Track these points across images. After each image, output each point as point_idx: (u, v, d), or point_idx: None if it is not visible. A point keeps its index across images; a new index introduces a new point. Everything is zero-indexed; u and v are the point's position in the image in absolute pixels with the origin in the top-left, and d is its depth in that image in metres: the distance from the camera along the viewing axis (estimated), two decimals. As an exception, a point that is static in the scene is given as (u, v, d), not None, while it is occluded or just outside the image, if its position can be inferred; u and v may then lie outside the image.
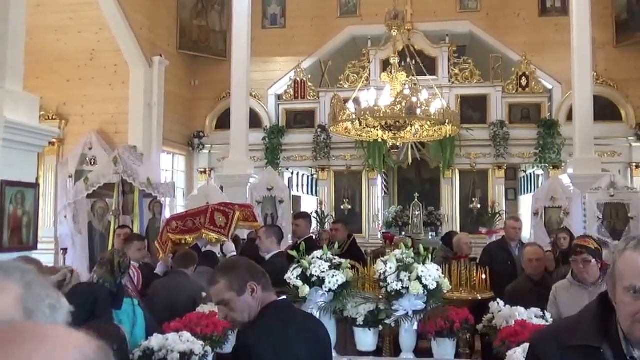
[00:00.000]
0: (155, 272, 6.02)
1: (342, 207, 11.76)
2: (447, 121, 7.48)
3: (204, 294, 5.23)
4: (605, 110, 11.31)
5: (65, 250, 7.70)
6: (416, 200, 11.68)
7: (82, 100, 10.31)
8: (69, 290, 3.84)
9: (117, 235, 6.94)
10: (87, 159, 10.08)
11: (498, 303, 4.51)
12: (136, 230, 8.24)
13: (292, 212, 10.49)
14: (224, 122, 12.20)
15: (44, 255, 7.71)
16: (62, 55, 10.12)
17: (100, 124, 10.37)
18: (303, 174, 13.44)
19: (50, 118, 10.00)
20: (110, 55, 10.26)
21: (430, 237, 11.20)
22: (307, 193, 13.53)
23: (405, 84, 7.60)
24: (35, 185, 6.08)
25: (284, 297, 2.59)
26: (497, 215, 11.31)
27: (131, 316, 4.18)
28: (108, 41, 10.15)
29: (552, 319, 4.18)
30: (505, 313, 4.30)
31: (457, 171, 11.83)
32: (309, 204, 13.00)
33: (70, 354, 0.73)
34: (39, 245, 6.43)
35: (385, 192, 12.64)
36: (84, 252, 8.26)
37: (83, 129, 10.26)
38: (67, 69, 10.27)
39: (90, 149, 10.06)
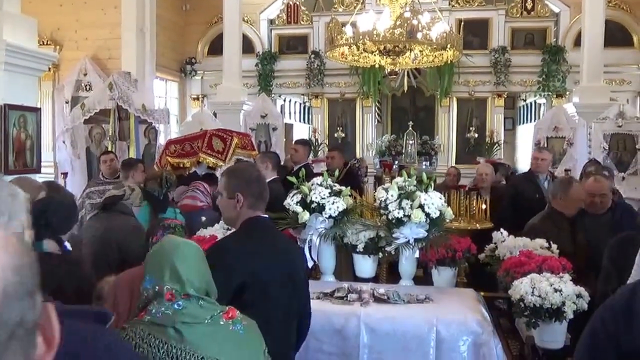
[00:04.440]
0: None
1: (335, 135, 11.62)
2: (448, 46, 7.10)
3: (203, 218, 5.48)
4: (616, 35, 10.63)
5: (65, 174, 7.81)
6: (410, 129, 11.43)
7: (75, 26, 10.10)
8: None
9: (103, 161, 6.72)
10: (83, 84, 9.95)
11: (502, 233, 4.44)
12: (132, 155, 8.39)
13: (284, 139, 10.46)
14: (216, 47, 11.93)
15: (44, 179, 7.84)
16: (54, -22, 9.82)
17: (94, 49, 10.16)
18: (296, 102, 13.22)
19: (45, 43, 9.78)
20: (101, -22, 9.95)
21: (424, 167, 10.78)
22: (300, 121, 13.31)
23: (405, 7, 7.17)
24: (37, 110, 6.07)
25: (266, 216, 2.72)
26: (496, 145, 11.04)
27: None
28: (99, -37, 9.82)
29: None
30: (509, 243, 4.25)
31: (454, 99, 11.46)
32: (301, 132, 12.83)
33: None
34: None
35: (378, 120, 12.33)
36: (83, 176, 8.37)
37: (77, 54, 10.07)
38: (60, -7, 10.00)
39: (85, 75, 9.92)
